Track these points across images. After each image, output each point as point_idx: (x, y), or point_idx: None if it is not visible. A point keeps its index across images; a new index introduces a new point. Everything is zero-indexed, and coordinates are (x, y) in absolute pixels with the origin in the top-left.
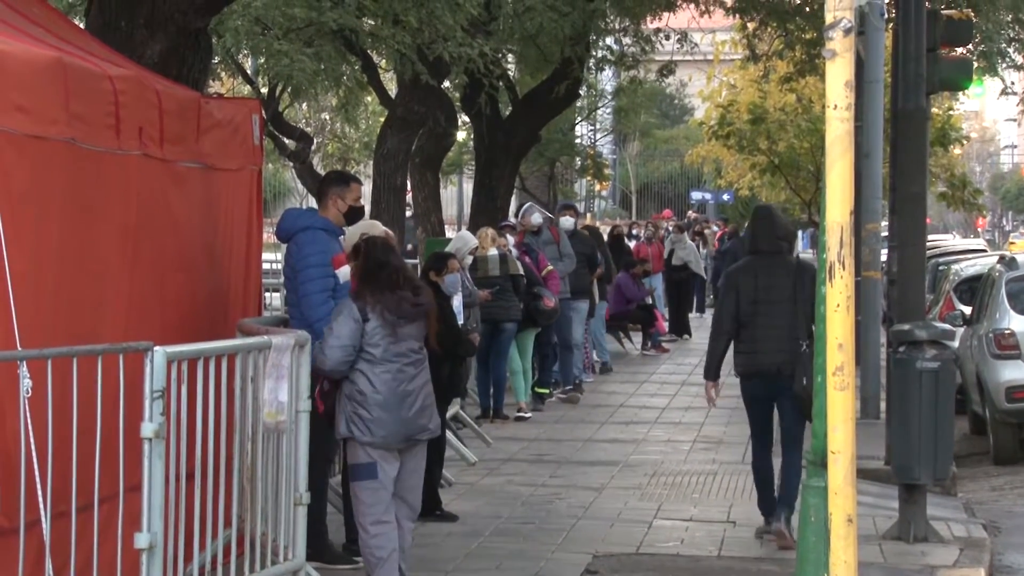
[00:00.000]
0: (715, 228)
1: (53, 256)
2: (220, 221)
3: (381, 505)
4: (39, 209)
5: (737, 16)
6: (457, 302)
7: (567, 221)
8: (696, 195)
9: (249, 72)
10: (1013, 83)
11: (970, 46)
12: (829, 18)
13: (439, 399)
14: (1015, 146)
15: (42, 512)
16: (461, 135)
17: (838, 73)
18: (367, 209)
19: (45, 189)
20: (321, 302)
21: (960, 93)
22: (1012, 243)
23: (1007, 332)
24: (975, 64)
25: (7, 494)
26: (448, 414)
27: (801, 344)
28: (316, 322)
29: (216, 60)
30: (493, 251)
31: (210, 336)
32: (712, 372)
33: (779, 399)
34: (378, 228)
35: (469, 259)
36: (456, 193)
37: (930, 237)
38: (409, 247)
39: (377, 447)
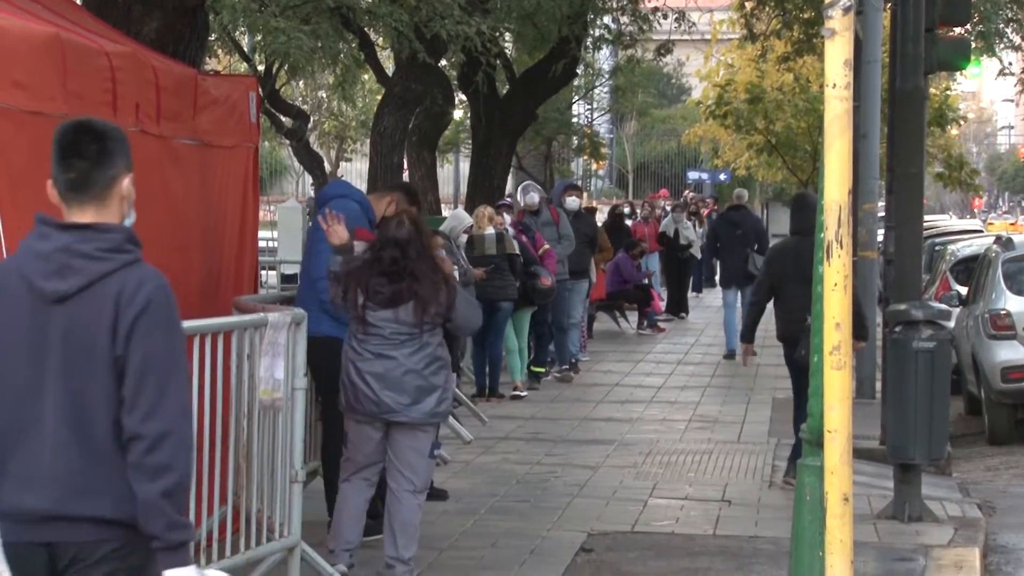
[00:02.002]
0: (715, 208)
1: None
2: (216, 198)
3: (349, 470)
4: (37, 185)
5: None
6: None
7: (572, 201)
8: (693, 174)
9: (246, 49)
10: (1011, 63)
11: (968, 26)
12: None
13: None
14: (1012, 127)
15: None
16: (458, 114)
17: (837, 52)
18: (363, 188)
19: (43, 165)
20: (328, 263)
21: (958, 73)
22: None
23: (1003, 312)
24: (973, 44)
25: None
26: None
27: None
28: (319, 280)
29: (213, 37)
30: (490, 230)
31: (205, 313)
32: (746, 335)
33: None
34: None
35: (463, 238)
36: (453, 172)
37: (927, 217)
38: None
39: (349, 415)
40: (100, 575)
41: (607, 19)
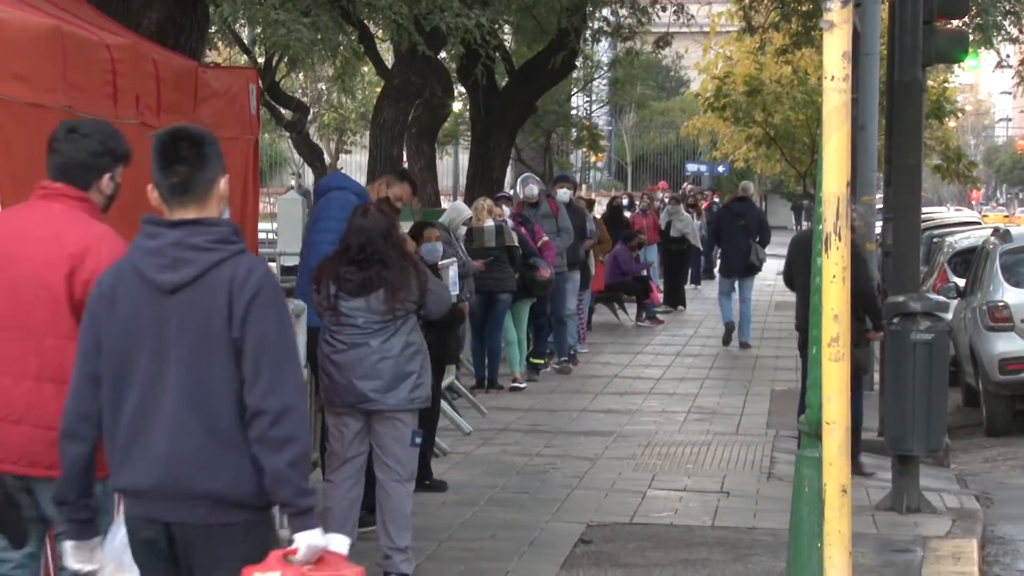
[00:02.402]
0: (716, 200)
1: None
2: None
3: (334, 463)
4: (37, 176)
5: None
6: (453, 272)
7: (563, 193)
8: (691, 167)
9: (246, 42)
10: (1008, 56)
11: (966, 18)
12: None
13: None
14: (1010, 119)
15: None
16: (457, 106)
17: (835, 44)
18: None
19: (43, 156)
20: (325, 254)
21: (955, 66)
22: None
23: (1000, 304)
24: (971, 37)
25: None
26: (443, 384)
27: None
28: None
29: (213, 29)
30: (489, 222)
31: None
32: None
33: None
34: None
35: (463, 230)
36: (452, 164)
37: (925, 209)
38: None
39: (328, 408)
40: (218, 551)
41: (606, 11)
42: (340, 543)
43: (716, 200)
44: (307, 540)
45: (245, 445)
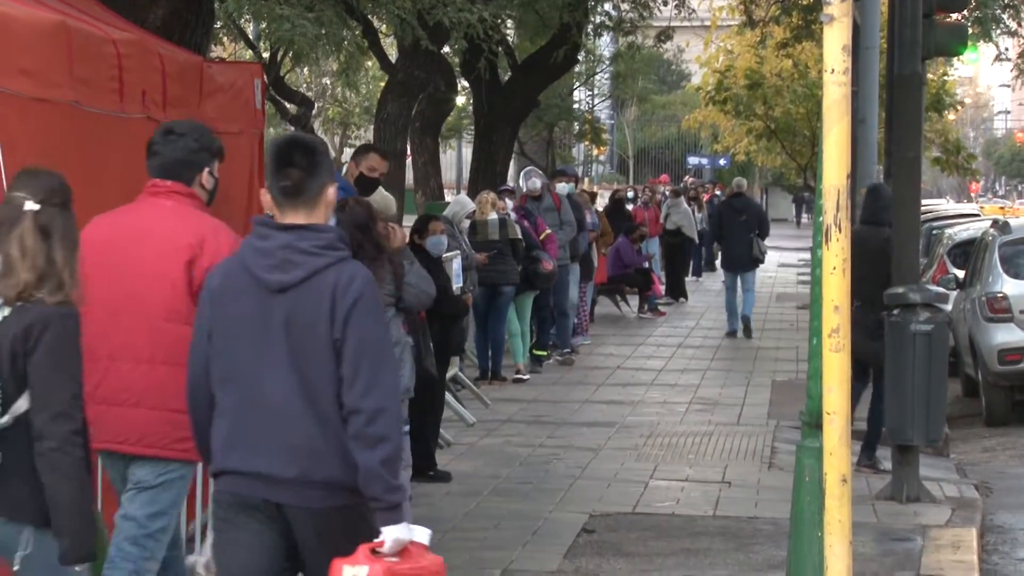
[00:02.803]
0: (718, 193)
1: None
2: (223, 184)
3: None
4: None
5: None
6: (457, 265)
7: (563, 187)
8: (693, 160)
9: (251, 37)
10: (1007, 49)
11: (965, 12)
12: None
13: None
14: (1009, 112)
15: None
16: (460, 100)
17: (836, 37)
18: None
19: (49, 151)
20: None
21: (955, 59)
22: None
23: (999, 295)
24: (970, 30)
25: None
26: (448, 375)
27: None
28: None
29: (218, 25)
30: (493, 215)
31: None
32: None
33: None
34: (380, 194)
35: (466, 223)
36: (455, 158)
37: (924, 202)
38: None
39: None
40: (326, 530)
41: (608, 6)
42: (422, 534)
43: (718, 193)
44: (394, 534)
45: (346, 436)
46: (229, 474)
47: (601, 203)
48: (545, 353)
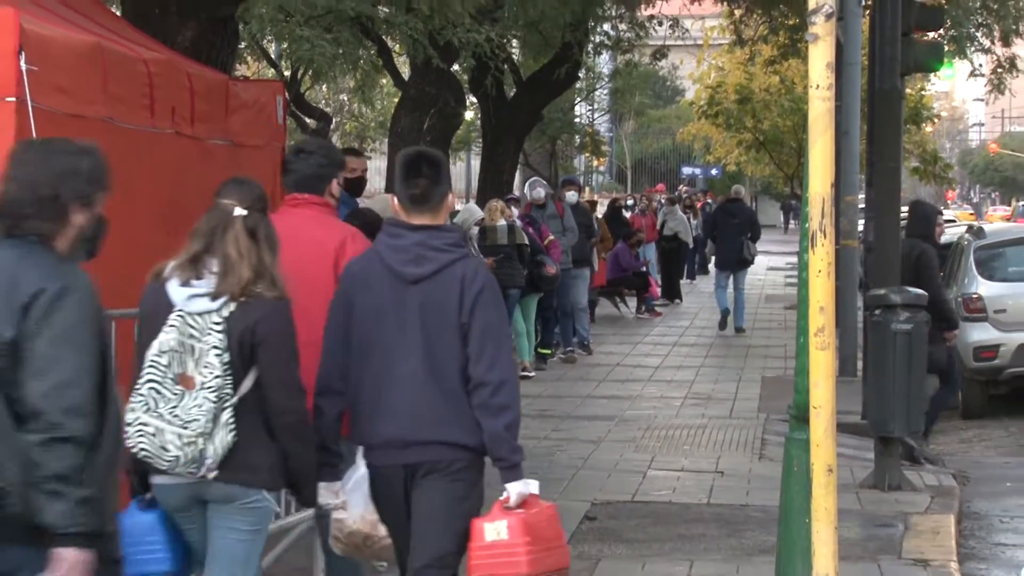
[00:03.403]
0: (710, 201)
1: None
2: None
3: None
4: None
5: (725, 3)
6: None
7: (571, 195)
8: (687, 170)
9: (273, 56)
10: (981, 65)
11: (941, 31)
12: (812, 4)
13: None
14: (982, 124)
15: None
16: (469, 115)
17: (820, 55)
18: (381, 184)
19: None
20: None
21: (932, 75)
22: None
23: (975, 296)
24: (946, 47)
25: None
26: None
27: None
28: None
29: (243, 45)
30: (502, 222)
31: None
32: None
33: None
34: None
35: (475, 230)
36: (464, 168)
37: (904, 209)
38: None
39: None
40: (445, 483)
41: (607, 26)
42: (535, 486)
43: (709, 201)
44: (517, 489)
45: (468, 405)
46: (371, 443)
47: (600, 211)
48: (549, 351)
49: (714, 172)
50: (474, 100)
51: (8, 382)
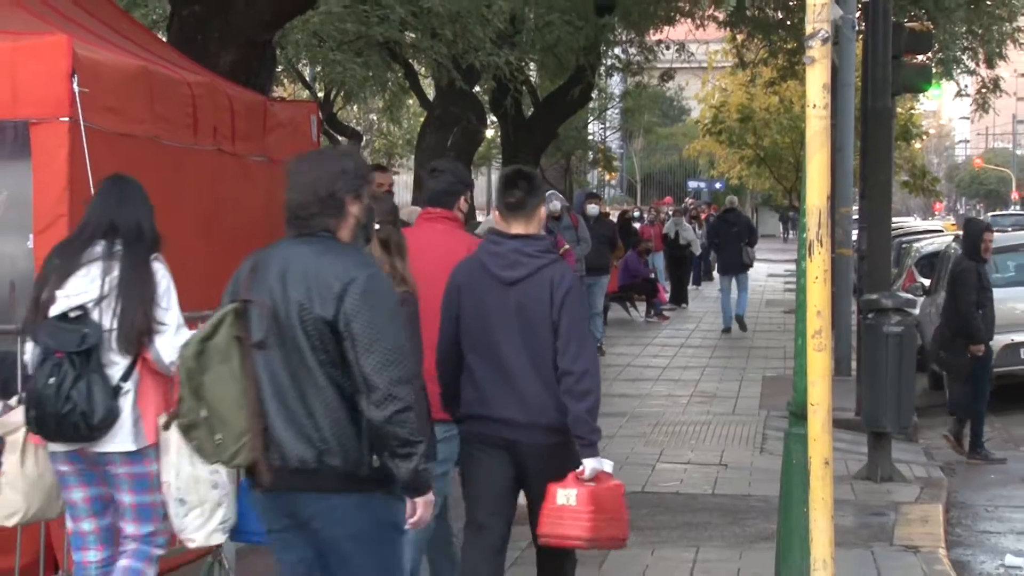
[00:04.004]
0: (712, 213)
1: None
2: (281, 208)
3: None
4: None
5: (728, 29)
6: None
7: (593, 208)
8: (692, 184)
9: (307, 79)
10: (967, 86)
11: (930, 54)
12: (809, 29)
13: None
14: (968, 141)
15: None
16: (490, 132)
17: (817, 77)
18: (408, 197)
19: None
20: None
21: (921, 95)
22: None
23: None
24: (934, 70)
25: None
26: None
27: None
28: None
29: (279, 68)
30: None
31: None
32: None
33: None
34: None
35: None
36: (486, 183)
37: (895, 219)
38: None
39: None
40: (545, 459)
41: (618, 50)
42: (608, 465)
43: (712, 213)
44: (592, 464)
45: (559, 392)
46: (476, 419)
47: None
48: None
49: (718, 185)
50: (494, 119)
51: (331, 363)
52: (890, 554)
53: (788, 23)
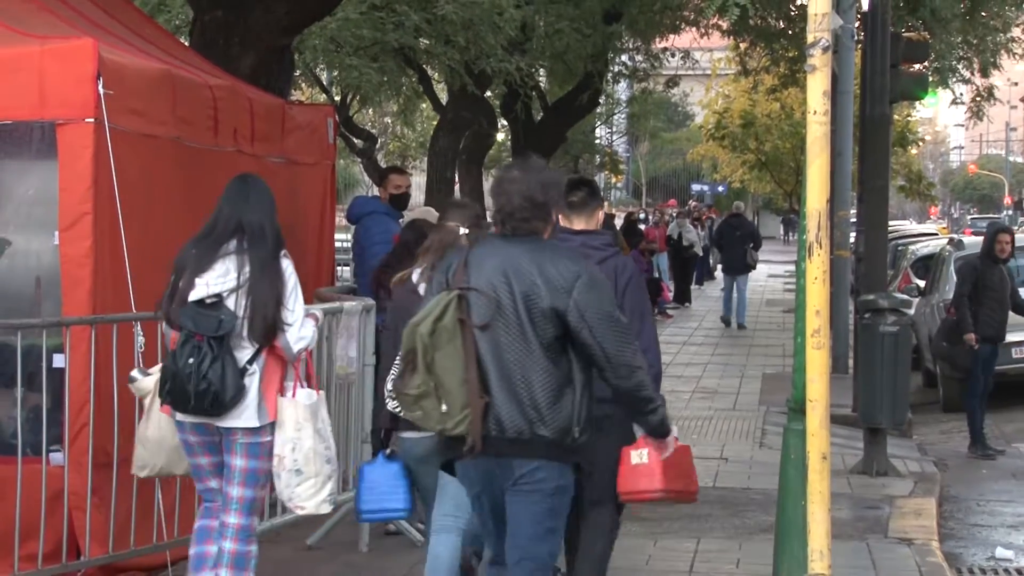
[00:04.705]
0: (713, 216)
1: (163, 235)
2: (300, 207)
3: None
4: (151, 195)
5: (731, 38)
6: None
7: None
8: (696, 187)
9: (325, 83)
10: (962, 94)
11: (926, 63)
12: (810, 38)
13: None
14: (963, 147)
15: None
16: (500, 136)
17: (817, 84)
18: (420, 198)
19: (156, 179)
20: None
21: (917, 102)
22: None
23: None
24: (930, 78)
25: (126, 432)
26: None
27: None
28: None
29: (297, 73)
30: None
31: None
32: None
33: None
34: (431, 214)
35: None
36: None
37: (891, 223)
38: None
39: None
40: (616, 430)
41: (624, 57)
42: (675, 430)
43: (712, 216)
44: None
45: None
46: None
47: (618, 223)
48: None
49: (720, 189)
50: (505, 123)
51: (548, 346)
52: (885, 546)
53: (790, 32)
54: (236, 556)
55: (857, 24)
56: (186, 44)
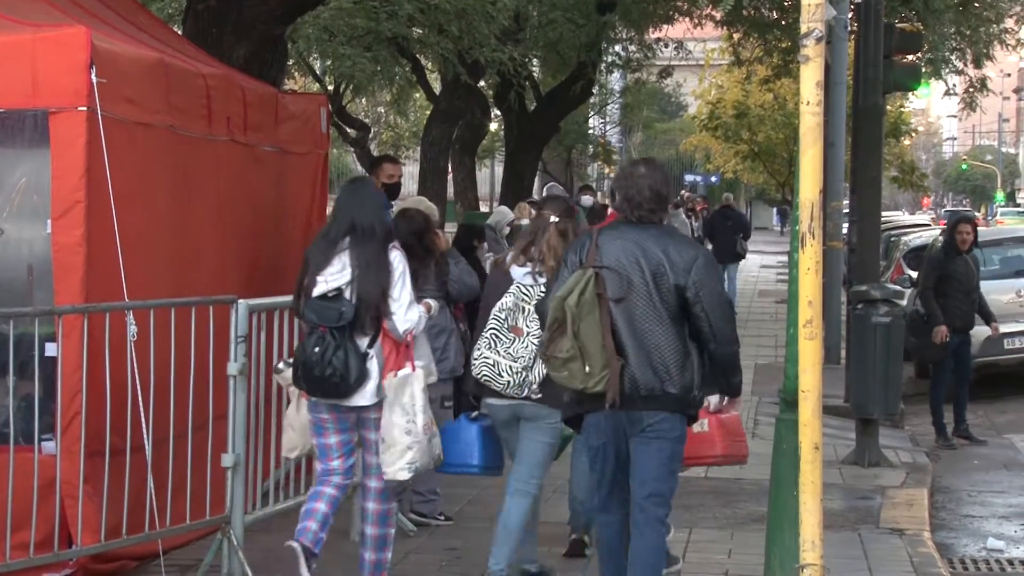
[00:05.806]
0: (705, 207)
1: (155, 223)
2: (292, 196)
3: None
4: (144, 184)
5: (725, 28)
6: None
7: (587, 199)
8: (689, 177)
9: (318, 72)
10: (954, 85)
11: (919, 54)
12: (804, 28)
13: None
14: (955, 138)
15: (145, 438)
16: (493, 126)
17: (810, 75)
18: (414, 187)
19: (149, 167)
20: None
21: (910, 93)
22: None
23: None
24: (923, 69)
25: (118, 421)
26: None
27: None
28: None
29: (291, 62)
30: (525, 220)
31: (273, 291)
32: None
33: None
34: (424, 204)
35: (507, 229)
36: (489, 175)
37: (884, 214)
38: None
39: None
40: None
41: (618, 47)
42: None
43: (704, 207)
44: (715, 400)
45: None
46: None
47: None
48: None
49: (713, 179)
50: (498, 113)
51: (673, 316)
52: (876, 536)
53: (783, 23)
54: (379, 515)
55: (851, 15)
56: (179, 33)
